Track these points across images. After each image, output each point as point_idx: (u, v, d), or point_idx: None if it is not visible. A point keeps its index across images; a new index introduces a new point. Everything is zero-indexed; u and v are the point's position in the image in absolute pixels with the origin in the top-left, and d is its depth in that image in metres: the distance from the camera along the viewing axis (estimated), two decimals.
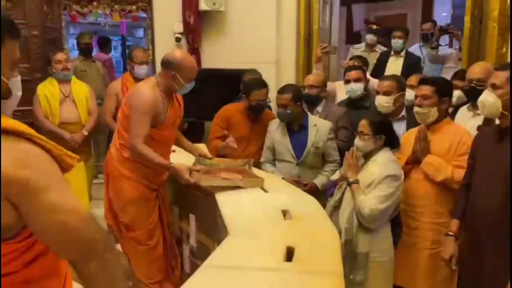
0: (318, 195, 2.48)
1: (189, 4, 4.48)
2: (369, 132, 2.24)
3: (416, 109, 2.34)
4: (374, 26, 5.09)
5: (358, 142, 2.29)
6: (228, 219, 1.83)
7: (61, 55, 3.58)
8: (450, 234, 2.11)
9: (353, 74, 3.18)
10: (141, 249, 2.54)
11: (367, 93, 3.26)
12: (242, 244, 1.61)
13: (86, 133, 3.61)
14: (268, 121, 2.98)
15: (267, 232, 1.72)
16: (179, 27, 4.57)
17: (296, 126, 2.84)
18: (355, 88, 3.16)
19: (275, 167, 2.87)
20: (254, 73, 3.41)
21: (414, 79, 2.99)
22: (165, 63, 2.39)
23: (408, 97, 2.85)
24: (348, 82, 3.19)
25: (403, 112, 2.84)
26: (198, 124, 4.34)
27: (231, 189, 2.24)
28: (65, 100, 3.56)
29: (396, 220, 2.28)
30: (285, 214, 1.90)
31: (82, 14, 4.55)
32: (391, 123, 2.40)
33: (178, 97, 2.58)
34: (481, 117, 2.40)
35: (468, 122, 2.50)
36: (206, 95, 3.52)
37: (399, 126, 2.76)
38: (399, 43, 4.26)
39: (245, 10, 4.62)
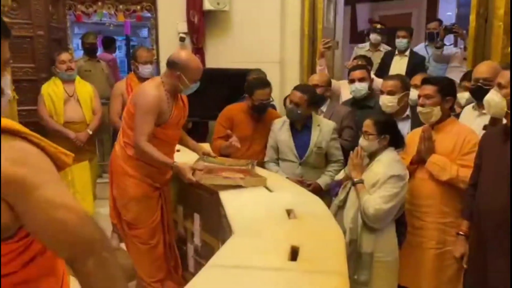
0: (322, 195, 2.47)
1: (193, 4, 4.48)
2: (374, 132, 2.23)
3: (419, 109, 2.33)
4: (379, 26, 5.05)
5: (363, 142, 2.28)
6: (233, 219, 1.83)
7: (65, 56, 3.59)
8: (461, 234, 2.14)
9: (358, 74, 3.17)
10: (143, 248, 2.55)
11: (372, 93, 3.25)
12: (247, 244, 1.61)
13: (91, 132, 3.63)
14: (272, 120, 2.98)
15: (272, 232, 1.72)
16: (183, 27, 4.58)
17: (300, 126, 2.84)
18: (360, 88, 3.15)
19: (279, 166, 2.87)
20: (259, 73, 3.41)
21: (419, 79, 2.98)
22: (171, 64, 2.40)
23: (413, 97, 2.84)
24: (353, 82, 3.18)
25: (408, 112, 2.83)
26: (202, 124, 4.35)
27: (236, 189, 2.24)
28: (70, 100, 3.58)
29: (401, 220, 2.28)
30: (290, 214, 1.89)
31: (87, 14, 4.58)
32: (396, 123, 2.40)
33: (183, 97, 2.59)
34: (487, 117, 2.38)
35: (474, 122, 2.48)
36: (210, 95, 3.52)
37: (404, 126, 2.74)
38: (403, 43, 4.24)
39: (249, 10, 4.63)
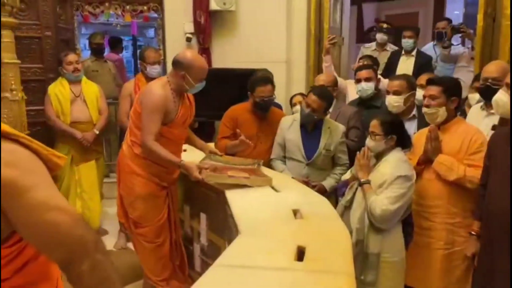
0: (326, 196, 2.45)
1: (200, 4, 4.50)
2: (380, 132, 2.22)
3: (425, 110, 2.32)
4: (385, 25, 5.02)
5: (370, 142, 2.27)
6: (239, 218, 1.83)
7: (72, 57, 3.61)
8: (473, 234, 2.17)
9: (364, 73, 3.16)
10: (148, 246, 2.57)
11: (378, 93, 3.23)
12: (253, 244, 1.61)
13: (97, 132, 3.64)
14: (276, 120, 2.98)
15: (278, 232, 1.72)
16: (190, 27, 4.60)
17: (311, 127, 2.83)
18: (366, 88, 3.14)
19: (286, 165, 2.86)
20: (265, 72, 3.40)
21: (424, 79, 2.95)
22: (176, 63, 2.42)
23: (419, 97, 2.82)
24: (359, 81, 3.17)
25: (414, 112, 2.81)
26: (209, 124, 4.35)
27: (242, 188, 2.24)
28: (76, 100, 3.60)
29: (408, 220, 2.27)
30: (296, 214, 1.89)
31: (94, 15, 4.61)
32: (403, 123, 2.38)
33: (190, 96, 2.60)
34: (495, 117, 2.37)
35: (482, 122, 2.46)
36: (217, 95, 3.53)
37: (410, 126, 2.73)
38: (409, 43, 4.20)
39: (256, 10, 4.63)
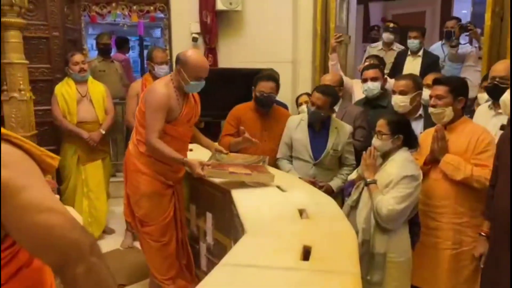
0: (333, 196, 2.45)
1: (206, 4, 4.50)
2: (387, 132, 2.22)
3: (431, 110, 2.31)
4: (391, 25, 4.99)
5: (376, 142, 2.27)
6: (245, 218, 1.83)
7: (78, 57, 3.63)
8: (482, 234, 2.16)
9: (370, 73, 3.15)
10: (154, 245, 2.58)
11: (385, 92, 3.22)
12: (259, 243, 1.61)
13: (104, 132, 3.67)
14: (280, 119, 2.98)
15: (284, 231, 1.72)
16: (196, 27, 4.60)
17: (318, 127, 2.82)
18: (372, 87, 3.13)
19: (292, 165, 2.86)
20: (271, 72, 3.40)
21: (431, 78, 2.94)
22: (176, 60, 2.48)
23: (425, 97, 2.81)
24: (365, 81, 3.16)
25: (421, 111, 2.80)
26: (214, 124, 4.36)
27: (248, 188, 2.25)
28: (82, 100, 3.62)
29: (414, 220, 2.26)
30: (302, 213, 1.89)
31: (101, 15, 4.64)
32: (409, 123, 2.37)
33: (195, 95, 2.61)
34: (503, 117, 2.35)
35: (490, 121, 2.45)
36: (223, 95, 3.54)
37: (417, 125, 2.72)
38: (415, 44, 4.15)
39: (262, 10, 4.63)
